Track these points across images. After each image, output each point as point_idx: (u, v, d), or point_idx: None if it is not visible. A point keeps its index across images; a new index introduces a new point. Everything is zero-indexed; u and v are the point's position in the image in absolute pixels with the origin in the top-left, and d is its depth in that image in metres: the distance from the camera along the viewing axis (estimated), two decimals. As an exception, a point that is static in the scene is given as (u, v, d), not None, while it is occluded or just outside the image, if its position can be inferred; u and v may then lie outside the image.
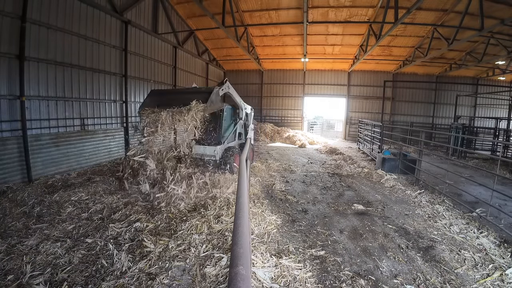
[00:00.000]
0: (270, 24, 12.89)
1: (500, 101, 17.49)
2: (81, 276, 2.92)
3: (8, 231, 3.84)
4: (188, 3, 11.82)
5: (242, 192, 1.93)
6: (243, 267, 0.93)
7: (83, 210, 4.61)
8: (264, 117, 20.17)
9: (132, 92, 9.97)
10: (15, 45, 5.78)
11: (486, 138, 14.50)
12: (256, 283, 2.82)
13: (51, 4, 6.54)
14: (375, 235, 4.14)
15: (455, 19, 10.44)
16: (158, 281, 2.87)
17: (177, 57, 13.06)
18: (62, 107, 7.12)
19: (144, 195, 5.27)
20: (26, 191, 5.21)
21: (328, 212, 5.08)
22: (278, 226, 4.31)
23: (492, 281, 3.05)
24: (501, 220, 4.83)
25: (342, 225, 4.51)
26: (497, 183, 5.08)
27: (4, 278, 2.84)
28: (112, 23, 8.70)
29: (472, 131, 13.43)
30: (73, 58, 7.28)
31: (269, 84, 20.14)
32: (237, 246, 1.11)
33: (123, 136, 9.52)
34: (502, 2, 9.02)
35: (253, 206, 4.97)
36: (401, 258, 3.49)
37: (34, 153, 6.30)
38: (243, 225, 1.36)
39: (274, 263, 3.17)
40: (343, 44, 15.16)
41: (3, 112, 5.72)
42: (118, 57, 9.09)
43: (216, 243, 3.60)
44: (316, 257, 3.47)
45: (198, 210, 4.65)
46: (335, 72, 19.16)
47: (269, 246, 3.70)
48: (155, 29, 11.02)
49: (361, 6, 11.13)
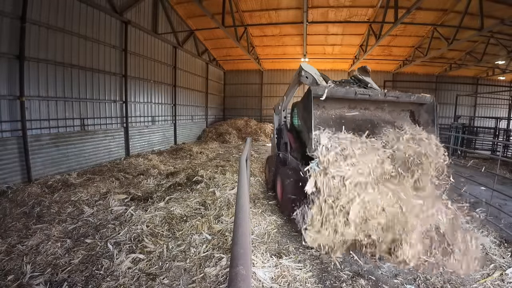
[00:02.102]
0: (270, 24, 12.89)
1: (500, 100, 17.49)
2: (81, 276, 2.93)
3: (8, 231, 3.84)
4: (188, 3, 11.82)
5: (242, 192, 1.94)
6: (243, 267, 0.93)
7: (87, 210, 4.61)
8: (264, 117, 20.16)
9: (132, 92, 9.97)
10: (15, 45, 5.77)
11: (486, 138, 14.50)
12: (256, 283, 2.82)
13: (51, 4, 6.54)
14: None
15: (455, 19, 10.44)
16: (158, 281, 2.87)
17: (177, 57, 13.06)
18: (62, 107, 7.12)
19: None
20: (26, 191, 5.20)
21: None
22: (278, 226, 4.31)
23: (492, 280, 3.05)
24: (501, 220, 4.82)
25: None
26: (497, 183, 5.08)
27: (4, 278, 2.84)
28: (112, 23, 8.70)
29: (472, 131, 13.43)
30: (73, 58, 7.27)
31: (269, 84, 20.14)
32: (237, 246, 1.11)
33: (123, 136, 9.52)
34: (502, 2, 9.02)
35: (253, 206, 4.97)
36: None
37: (34, 153, 6.30)
38: (243, 225, 1.36)
39: (274, 263, 3.17)
40: (343, 44, 15.16)
41: (3, 112, 5.72)
42: (118, 57, 9.09)
43: (216, 243, 3.60)
44: (316, 257, 3.47)
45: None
46: (335, 72, 19.14)
47: (269, 246, 3.70)
48: (155, 29, 11.02)
49: (361, 6, 11.14)
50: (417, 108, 4.23)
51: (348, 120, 3.91)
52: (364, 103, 4.11)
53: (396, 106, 4.25)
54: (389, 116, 4.21)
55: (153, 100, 11.45)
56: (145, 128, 10.95)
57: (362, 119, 4.02)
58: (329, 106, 3.93)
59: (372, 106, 4.21)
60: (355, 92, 3.66)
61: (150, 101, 11.22)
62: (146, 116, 11.01)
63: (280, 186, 4.99)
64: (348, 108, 4.11)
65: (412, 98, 3.92)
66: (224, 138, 15.23)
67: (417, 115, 4.27)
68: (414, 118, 4.27)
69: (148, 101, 11.09)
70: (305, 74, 4.26)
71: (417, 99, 3.97)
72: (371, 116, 4.12)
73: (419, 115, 4.25)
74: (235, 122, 17.75)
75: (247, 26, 12.74)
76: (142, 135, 10.73)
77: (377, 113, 4.24)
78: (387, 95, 3.81)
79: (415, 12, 10.12)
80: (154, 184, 6.29)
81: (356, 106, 4.14)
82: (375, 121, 3.97)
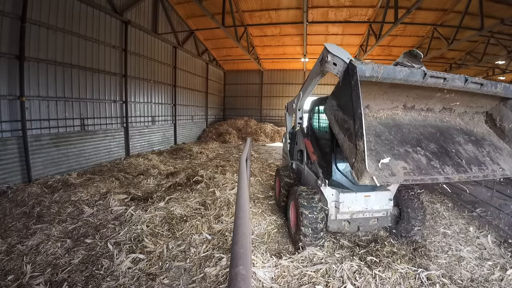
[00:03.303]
0: (270, 24, 12.90)
1: (500, 101, 17.47)
2: (81, 276, 2.93)
3: (8, 231, 3.85)
4: (188, 3, 11.82)
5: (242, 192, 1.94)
6: (243, 267, 0.93)
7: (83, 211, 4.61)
8: (264, 117, 20.17)
9: (132, 92, 9.97)
10: (15, 45, 5.77)
11: (486, 138, 14.46)
12: (256, 283, 2.82)
13: (51, 4, 6.54)
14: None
15: (455, 19, 10.44)
16: (158, 281, 2.87)
17: (177, 57, 13.06)
18: (62, 107, 7.12)
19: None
20: (26, 191, 5.20)
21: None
22: (278, 226, 4.31)
23: (492, 281, 3.04)
24: (501, 220, 4.82)
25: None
26: (497, 183, 5.08)
27: (5, 278, 2.84)
28: (112, 23, 8.70)
29: (472, 131, 13.38)
30: (73, 58, 7.27)
31: (269, 84, 20.15)
32: (237, 246, 1.11)
33: (123, 136, 9.52)
34: (502, 2, 9.02)
35: (253, 206, 4.97)
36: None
37: (34, 153, 6.31)
38: (243, 225, 1.36)
39: (274, 263, 3.17)
40: (343, 44, 15.14)
41: (3, 112, 5.72)
42: (118, 57, 9.09)
43: (216, 243, 3.60)
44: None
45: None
46: (335, 72, 19.15)
47: (269, 246, 3.70)
48: (155, 29, 11.02)
49: (361, 6, 11.14)
50: (497, 107, 3.03)
51: (405, 130, 2.65)
52: (427, 99, 2.85)
53: (469, 103, 3.00)
54: (462, 122, 3.01)
55: (153, 100, 11.45)
56: (145, 128, 10.95)
57: (425, 126, 2.79)
58: (375, 104, 2.71)
59: (438, 105, 2.94)
60: (423, 73, 2.41)
61: (150, 101, 11.22)
62: (146, 116, 11.01)
63: (293, 213, 3.82)
64: (403, 108, 2.86)
65: (499, 89, 2.72)
66: (224, 138, 15.24)
67: (499, 117, 3.04)
68: (494, 123, 3.08)
69: (148, 101, 11.09)
70: (332, 59, 2.73)
71: (505, 91, 2.76)
72: (437, 122, 2.90)
73: (501, 118, 3.00)
74: (235, 122, 17.76)
75: (247, 26, 12.74)
76: (142, 135, 10.73)
77: (445, 116, 3.00)
78: (469, 81, 2.56)
79: (415, 12, 10.12)
80: (154, 184, 6.29)
81: (414, 105, 2.88)
82: (444, 131, 2.76)
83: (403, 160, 2.29)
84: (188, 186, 5.87)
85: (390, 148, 2.36)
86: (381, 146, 2.35)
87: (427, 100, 2.83)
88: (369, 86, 2.40)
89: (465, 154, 2.56)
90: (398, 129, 2.60)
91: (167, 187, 5.92)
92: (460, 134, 2.67)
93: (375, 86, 2.43)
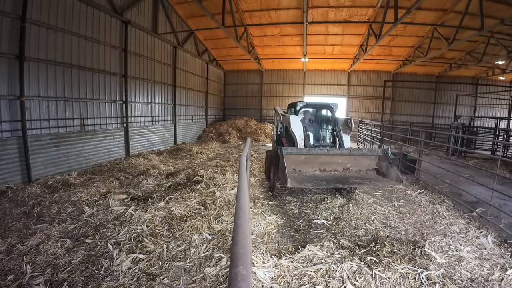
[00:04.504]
0: (270, 24, 12.90)
1: (500, 100, 17.49)
2: (81, 276, 2.93)
3: (8, 231, 3.84)
4: (188, 3, 11.82)
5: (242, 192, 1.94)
6: (243, 267, 0.93)
7: (83, 210, 4.61)
8: (264, 117, 20.17)
9: (132, 92, 9.97)
10: (15, 45, 5.77)
11: (486, 138, 14.49)
12: (256, 283, 2.82)
13: (51, 4, 6.54)
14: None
15: (455, 19, 10.44)
16: (158, 281, 2.87)
17: (177, 57, 13.06)
18: (62, 107, 7.12)
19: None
20: (26, 191, 5.20)
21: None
22: (278, 226, 4.31)
23: (492, 281, 3.04)
24: (501, 220, 4.82)
25: (342, 225, 4.50)
26: (497, 183, 5.08)
27: (4, 278, 2.84)
28: (112, 23, 8.71)
29: (472, 131, 13.42)
30: (73, 58, 7.27)
31: (269, 84, 20.15)
32: (237, 246, 1.11)
33: (123, 136, 9.52)
34: (502, 2, 9.02)
35: (253, 206, 4.97)
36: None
37: (34, 153, 6.31)
38: (243, 225, 1.36)
39: (274, 263, 3.17)
40: (343, 44, 15.16)
41: (3, 112, 5.72)
42: (118, 57, 9.09)
43: (216, 243, 3.60)
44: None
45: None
46: (335, 72, 19.16)
47: (269, 246, 3.70)
48: (155, 29, 11.02)
49: (361, 6, 11.14)
50: (379, 163, 5.11)
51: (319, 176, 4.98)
52: (331, 165, 5.12)
53: (359, 165, 5.14)
54: (358, 174, 5.07)
55: (153, 100, 11.46)
56: (145, 128, 10.95)
57: (332, 176, 5.04)
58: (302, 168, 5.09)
59: (339, 167, 5.12)
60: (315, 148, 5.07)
61: (150, 101, 11.22)
62: (146, 116, 11.01)
63: (272, 170, 6.03)
64: (319, 170, 5.12)
65: (364, 152, 5.15)
66: (224, 138, 15.24)
67: (380, 168, 5.09)
68: (379, 172, 5.07)
69: (148, 101, 11.09)
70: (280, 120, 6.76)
71: (369, 153, 5.13)
72: (341, 175, 5.05)
73: (381, 168, 5.04)
74: (235, 122, 17.76)
75: (247, 26, 12.74)
76: (142, 135, 10.73)
77: (346, 172, 5.11)
78: (341, 150, 5.13)
79: (415, 12, 10.12)
80: (154, 184, 6.28)
81: (326, 169, 5.12)
82: (342, 177, 4.95)
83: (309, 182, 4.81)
84: (188, 186, 5.86)
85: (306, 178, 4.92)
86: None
87: (332, 165, 5.13)
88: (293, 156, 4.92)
89: (353, 180, 4.88)
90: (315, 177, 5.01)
91: (167, 187, 5.91)
92: (353, 177, 4.86)
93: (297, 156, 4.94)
